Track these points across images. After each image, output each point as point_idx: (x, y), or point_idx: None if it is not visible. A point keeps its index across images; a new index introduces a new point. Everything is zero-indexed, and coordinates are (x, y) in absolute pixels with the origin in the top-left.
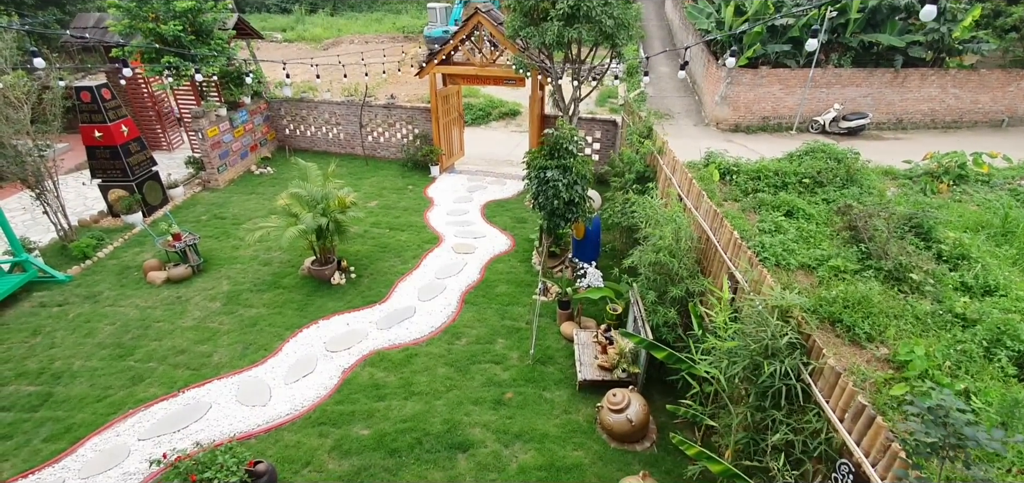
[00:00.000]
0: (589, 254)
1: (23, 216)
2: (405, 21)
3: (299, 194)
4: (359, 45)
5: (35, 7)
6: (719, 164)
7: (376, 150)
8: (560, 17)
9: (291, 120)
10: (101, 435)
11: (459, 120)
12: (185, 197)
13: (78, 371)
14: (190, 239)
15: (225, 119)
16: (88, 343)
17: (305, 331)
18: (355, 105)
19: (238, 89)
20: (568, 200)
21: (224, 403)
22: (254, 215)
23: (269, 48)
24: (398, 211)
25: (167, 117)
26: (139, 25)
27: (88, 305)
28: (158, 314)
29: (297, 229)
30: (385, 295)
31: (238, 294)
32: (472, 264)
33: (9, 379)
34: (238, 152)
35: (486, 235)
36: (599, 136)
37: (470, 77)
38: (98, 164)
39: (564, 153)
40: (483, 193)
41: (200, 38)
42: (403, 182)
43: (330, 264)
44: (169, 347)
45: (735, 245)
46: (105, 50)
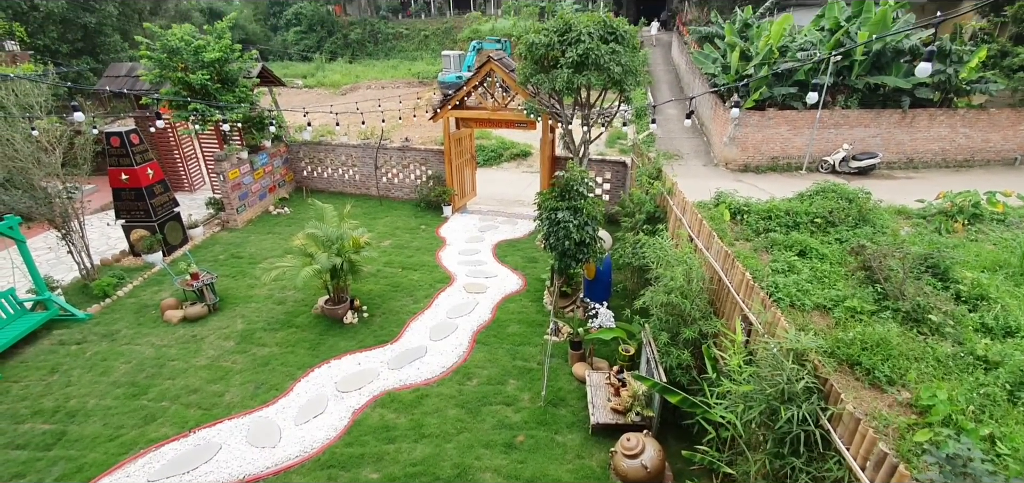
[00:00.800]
0: (601, 294)
1: (48, 255)
2: (420, 67)
3: (315, 234)
4: (376, 90)
5: (70, 56)
6: (729, 204)
7: (390, 191)
8: (569, 65)
9: (309, 162)
10: (112, 475)
11: (471, 162)
12: (204, 237)
13: (92, 410)
14: (207, 278)
15: (246, 162)
16: (103, 381)
17: (316, 371)
18: (371, 147)
19: (260, 133)
20: (579, 241)
21: (234, 444)
22: (270, 254)
23: (290, 94)
24: (411, 251)
25: (190, 160)
26: (169, 75)
27: (105, 343)
28: (173, 353)
29: (312, 269)
30: (397, 334)
31: (252, 333)
32: (484, 304)
33: (25, 417)
34: (257, 193)
35: (497, 275)
36: (609, 177)
37: (483, 121)
38: (123, 205)
39: (575, 194)
40: (495, 233)
41: (226, 86)
42: (416, 222)
43: (343, 303)
44: (182, 386)
45: (747, 286)
46: (135, 98)
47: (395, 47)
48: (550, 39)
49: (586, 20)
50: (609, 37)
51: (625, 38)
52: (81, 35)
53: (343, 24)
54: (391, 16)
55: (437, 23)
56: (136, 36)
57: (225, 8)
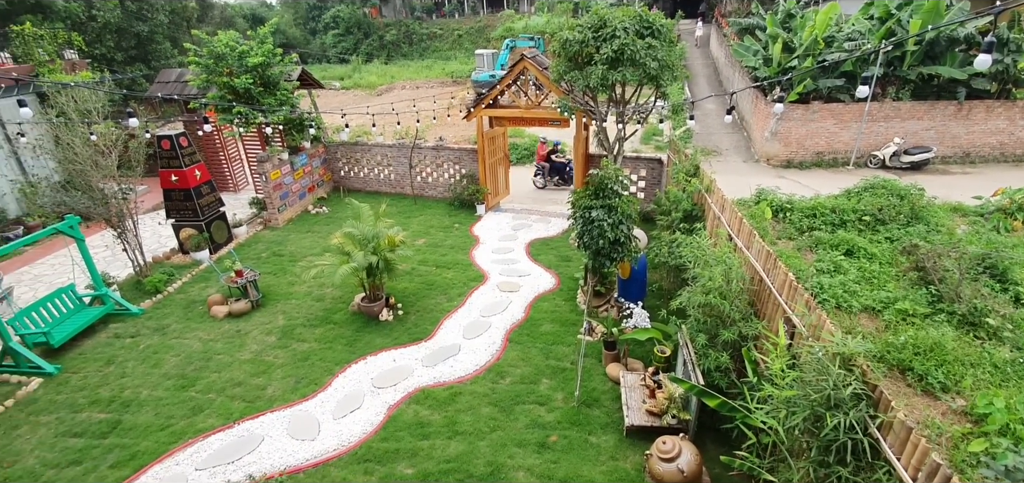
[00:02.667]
0: (635, 294)
1: (104, 252)
2: (454, 67)
3: (352, 233)
4: (410, 91)
5: (124, 63)
6: (771, 201)
7: (425, 190)
8: (604, 61)
9: (346, 162)
10: (162, 463)
11: (505, 160)
12: (248, 235)
13: (145, 400)
14: (251, 275)
15: (286, 162)
16: (155, 373)
17: (353, 367)
18: (405, 147)
19: (299, 135)
20: (613, 240)
21: (276, 436)
22: (309, 253)
23: (328, 95)
24: (445, 249)
25: (234, 161)
26: (215, 79)
27: (157, 337)
28: (219, 347)
29: (349, 267)
30: (431, 332)
31: (292, 329)
32: (517, 302)
33: (83, 406)
34: (297, 193)
35: (531, 273)
36: (644, 175)
37: (516, 119)
38: (173, 205)
39: (609, 193)
40: (528, 231)
41: (268, 90)
42: (450, 221)
43: (379, 301)
44: (227, 379)
45: (791, 287)
46: (184, 102)
47: (429, 47)
48: (584, 36)
49: (621, 15)
50: (645, 32)
51: (662, 32)
52: (134, 43)
53: (379, 26)
54: (425, 16)
55: (471, 22)
56: (185, 43)
57: (267, 13)
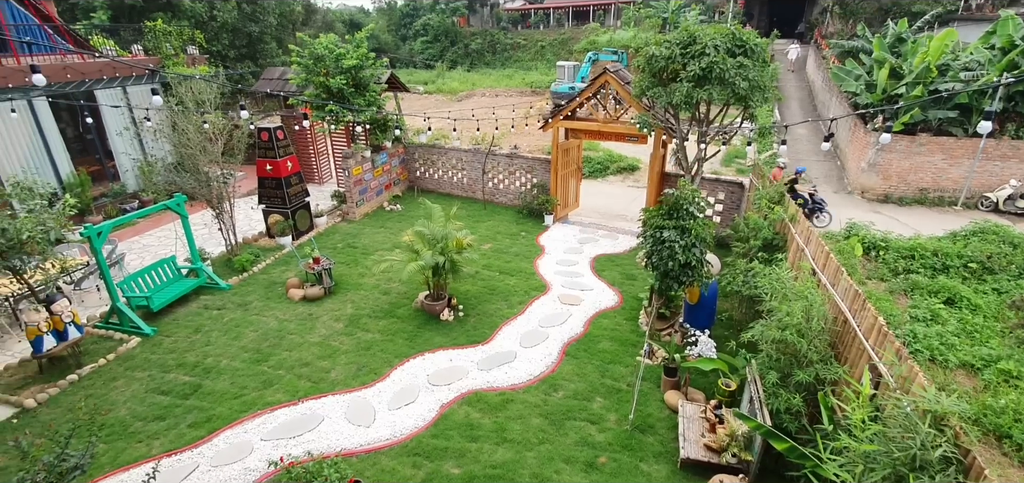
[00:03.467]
0: (702, 321)
1: (203, 230)
2: (534, 77)
3: (422, 232)
4: (490, 98)
5: (235, 60)
6: (863, 237)
7: (495, 196)
8: (690, 78)
9: (422, 163)
10: (233, 429)
11: (577, 172)
12: (327, 226)
13: (223, 369)
14: (326, 264)
15: (368, 160)
16: (234, 345)
17: (411, 361)
18: (480, 153)
19: (383, 134)
20: (684, 262)
21: (335, 418)
22: (381, 247)
23: (411, 98)
24: (509, 256)
25: (321, 155)
26: (313, 79)
27: (239, 312)
28: (292, 327)
29: (417, 264)
30: (489, 336)
31: (359, 318)
32: (577, 316)
33: (172, 367)
34: (375, 189)
35: (593, 288)
36: (723, 198)
37: (593, 132)
38: (264, 192)
39: (684, 214)
40: (594, 246)
41: (358, 90)
42: (517, 228)
43: (441, 300)
44: (296, 358)
45: (879, 332)
46: (283, 98)
47: (512, 57)
48: (672, 51)
49: (712, 32)
50: (737, 50)
51: (755, 52)
52: (246, 42)
53: (465, 35)
54: (511, 27)
55: (554, 34)
56: (289, 44)
57: (364, 19)
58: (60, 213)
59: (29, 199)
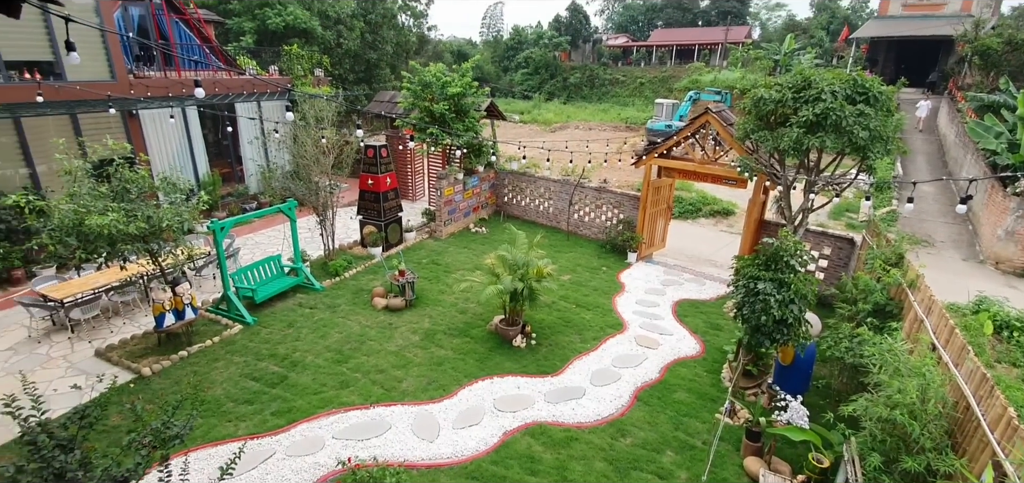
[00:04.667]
0: (795, 385)
1: (306, 234)
2: (630, 113)
3: (505, 256)
4: (583, 131)
5: (353, 83)
6: (994, 314)
7: (579, 228)
8: (802, 124)
9: (511, 190)
10: (308, 423)
11: (667, 212)
12: (415, 241)
13: (308, 364)
14: (411, 277)
15: (460, 182)
16: (320, 344)
17: (480, 383)
18: (569, 184)
19: (477, 159)
20: (779, 319)
21: (401, 428)
22: (463, 267)
23: (506, 127)
24: (588, 289)
25: (417, 174)
26: (418, 103)
27: (328, 313)
28: (372, 334)
29: (496, 288)
30: (559, 369)
31: (434, 333)
32: (653, 360)
33: (264, 356)
34: (463, 210)
35: (673, 334)
36: (829, 253)
37: (688, 172)
38: (363, 204)
39: (783, 266)
40: (678, 289)
41: (459, 116)
42: (598, 262)
43: (516, 326)
44: (373, 365)
45: (1009, 425)
46: (390, 119)
47: (609, 92)
48: (783, 95)
49: (830, 77)
50: (858, 97)
51: (879, 100)
52: (364, 67)
53: (565, 68)
54: (611, 63)
55: (655, 72)
56: (402, 71)
57: (470, 51)
58: (194, 207)
59: (172, 192)
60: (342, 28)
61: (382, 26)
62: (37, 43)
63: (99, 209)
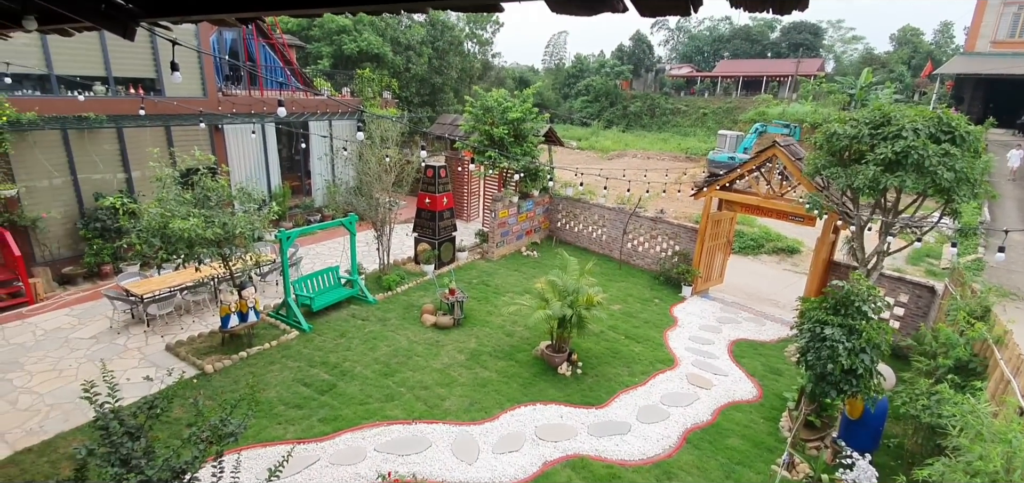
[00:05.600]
0: (863, 442)
1: (363, 248)
2: (691, 143)
3: (555, 282)
4: (641, 159)
5: (417, 106)
6: None
7: (632, 257)
8: (879, 162)
9: (565, 215)
10: (352, 433)
11: (726, 246)
12: (467, 260)
13: (356, 375)
14: (460, 296)
15: (515, 205)
16: (369, 356)
17: (522, 408)
18: (624, 212)
19: (532, 183)
20: (848, 368)
21: (441, 446)
22: (512, 290)
23: (563, 153)
24: (638, 321)
25: (472, 195)
26: (479, 126)
27: (379, 326)
28: (419, 350)
29: (544, 313)
30: (605, 401)
31: (480, 354)
32: (705, 401)
33: (317, 363)
34: (516, 233)
35: (728, 375)
36: (906, 301)
37: (751, 206)
38: (420, 222)
39: (854, 312)
40: (735, 328)
41: (517, 140)
42: (650, 294)
43: (562, 353)
44: (417, 380)
45: None
46: (450, 141)
47: (670, 121)
48: (859, 130)
49: (913, 114)
50: (942, 136)
51: (966, 140)
52: (429, 91)
53: (626, 97)
54: (673, 92)
55: (719, 102)
56: (465, 96)
57: (532, 77)
58: (265, 217)
59: (247, 202)
60: (411, 54)
61: (448, 52)
62: (143, 62)
63: (182, 214)
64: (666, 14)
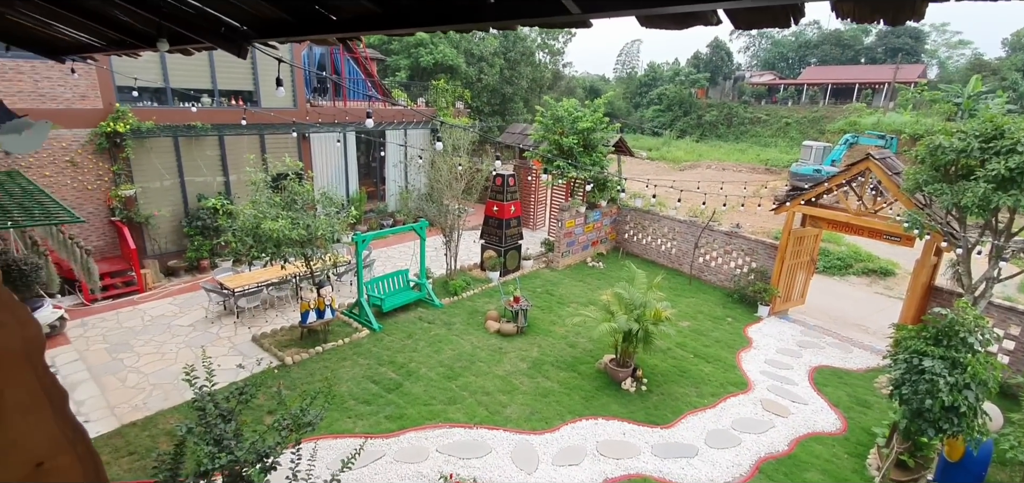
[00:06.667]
0: None
1: (432, 253)
2: (771, 155)
3: (621, 294)
4: (715, 171)
5: (488, 115)
6: None
7: (703, 273)
8: (991, 179)
9: (632, 227)
10: (416, 433)
11: (809, 265)
12: (531, 269)
13: (421, 376)
14: (524, 304)
15: (582, 215)
16: (434, 358)
17: (583, 422)
18: (695, 225)
19: (600, 193)
20: (949, 405)
21: (501, 453)
22: (576, 301)
23: (632, 163)
24: (709, 340)
25: (539, 204)
26: (548, 136)
27: (444, 329)
28: (482, 356)
29: (610, 325)
30: (670, 421)
31: (542, 364)
32: (781, 429)
33: (385, 362)
34: (581, 244)
35: (808, 403)
36: (1017, 334)
37: (839, 223)
38: (486, 229)
39: (958, 343)
40: (817, 353)
41: (586, 150)
42: (723, 312)
43: (626, 368)
44: (479, 386)
45: None
46: (519, 150)
47: (748, 131)
48: (967, 144)
49: None
50: None
51: None
52: (499, 101)
53: (701, 106)
54: (753, 101)
55: (804, 111)
56: (536, 105)
57: (603, 86)
58: (344, 220)
59: (329, 206)
60: (484, 64)
61: (520, 63)
62: (244, 76)
63: (272, 215)
64: (763, 27)
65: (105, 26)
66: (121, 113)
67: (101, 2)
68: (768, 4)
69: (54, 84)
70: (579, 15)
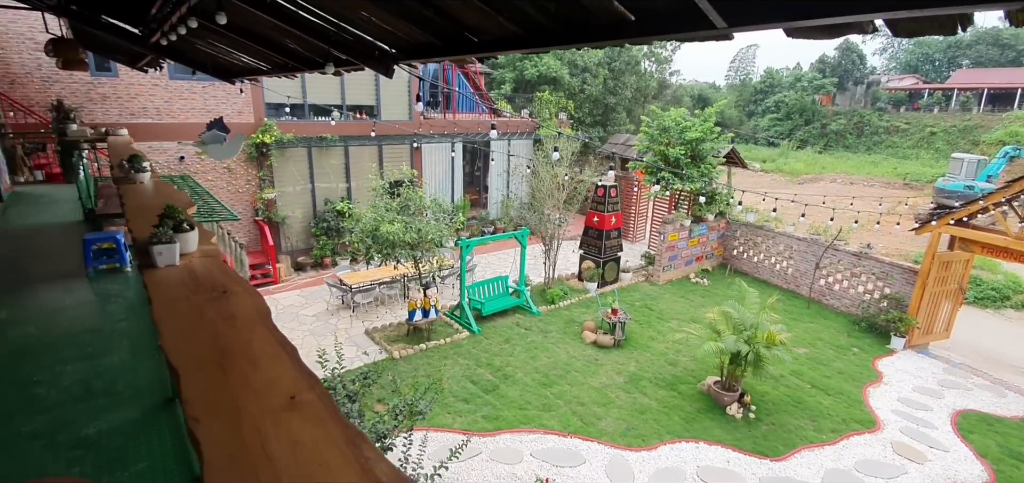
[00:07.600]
0: None
1: (531, 261)
2: (911, 168)
3: (729, 313)
4: (841, 185)
5: (590, 125)
6: None
7: (824, 297)
8: None
9: (743, 243)
10: (511, 435)
11: (957, 294)
12: (630, 282)
13: (517, 380)
14: (623, 317)
15: (686, 229)
16: (530, 365)
17: (682, 444)
18: (817, 244)
19: (707, 207)
20: None
21: (595, 465)
22: (678, 317)
23: (744, 175)
24: (830, 371)
25: (640, 216)
26: (654, 146)
27: (540, 337)
28: (578, 366)
29: (716, 345)
30: (782, 454)
31: (639, 379)
32: (915, 477)
33: (483, 363)
34: (685, 258)
35: (949, 450)
36: None
37: (996, 248)
38: (586, 240)
39: None
40: (962, 395)
41: (694, 161)
42: (847, 341)
43: (733, 392)
44: (574, 395)
45: None
46: (622, 160)
47: (883, 141)
48: None
49: None
50: None
51: None
52: (602, 111)
53: (826, 114)
54: (890, 108)
55: (953, 119)
56: (641, 115)
57: (712, 95)
58: (452, 226)
59: (438, 211)
60: (587, 75)
61: (624, 72)
62: (368, 92)
63: (388, 219)
64: (926, 34)
65: (275, 52)
66: (268, 126)
67: (279, 34)
68: (934, 13)
69: (219, 101)
70: (724, 29)
